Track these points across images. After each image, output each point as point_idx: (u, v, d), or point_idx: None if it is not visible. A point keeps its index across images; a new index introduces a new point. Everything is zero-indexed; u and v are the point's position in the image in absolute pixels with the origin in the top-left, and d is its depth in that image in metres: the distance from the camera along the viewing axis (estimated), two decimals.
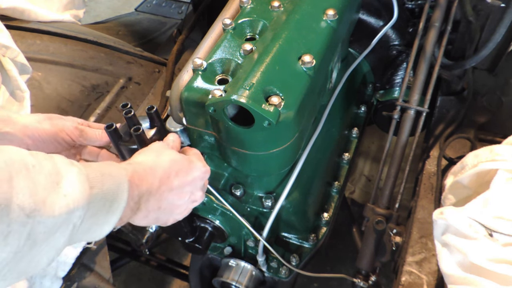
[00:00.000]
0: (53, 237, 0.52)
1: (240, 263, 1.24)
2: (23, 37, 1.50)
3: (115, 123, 0.82)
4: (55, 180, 0.53)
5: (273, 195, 1.10)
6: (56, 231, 0.52)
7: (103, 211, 0.60)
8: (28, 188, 0.49)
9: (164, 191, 0.72)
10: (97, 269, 1.23)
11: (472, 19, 1.19)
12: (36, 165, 0.51)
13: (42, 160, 0.53)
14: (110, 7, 3.53)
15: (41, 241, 0.51)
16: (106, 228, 0.62)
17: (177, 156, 0.75)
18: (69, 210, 0.53)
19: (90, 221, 0.58)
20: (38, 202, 0.50)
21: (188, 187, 0.76)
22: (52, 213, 0.51)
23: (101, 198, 0.59)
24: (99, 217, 0.59)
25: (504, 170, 0.88)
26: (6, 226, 0.46)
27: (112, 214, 0.61)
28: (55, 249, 0.54)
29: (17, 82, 1.25)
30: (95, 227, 0.60)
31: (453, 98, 1.41)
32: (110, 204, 0.60)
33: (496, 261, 0.80)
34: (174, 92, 0.95)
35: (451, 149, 1.32)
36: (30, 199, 0.49)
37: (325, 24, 1.02)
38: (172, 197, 0.73)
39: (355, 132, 1.48)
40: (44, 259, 0.53)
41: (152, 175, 0.70)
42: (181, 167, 0.74)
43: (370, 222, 1.11)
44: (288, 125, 0.89)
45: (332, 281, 1.91)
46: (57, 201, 0.52)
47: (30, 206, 0.49)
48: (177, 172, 0.73)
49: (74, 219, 0.54)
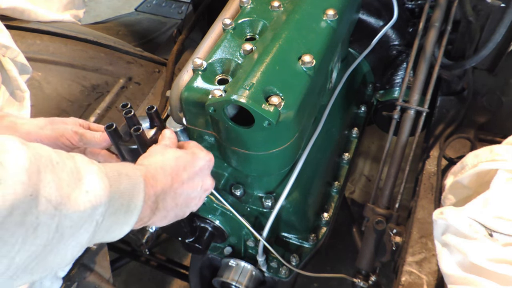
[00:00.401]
0: (78, 233, 0.54)
1: (240, 263, 1.24)
2: (23, 37, 1.50)
3: (115, 123, 0.82)
4: (77, 177, 0.54)
5: (273, 195, 1.10)
6: (81, 226, 0.54)
7: (122, 210, 0.61)
8: (54, 182, 0.51)
9: (178, 188, 0.74)
10: (97, 269, 1.23)
11: (472, 19, 1.19)
12: (60, 162, 0.53)
13: (64, 158, 0.55)
14: (110, 7, 3.53)
15: (68, 235, 0.53)
16: (125, 228, 0.64)
17: (179, 153, 0.77)
18: (92, 206, 0.55)
19: (111, 219, 0.60)
20: (63, 196, 0.51)
21: (197, 177, 0.78)
22: (78, 208, 0.53)
23: (119, 197, 0.60)
24: (118, 216, 0.61)
25: (504, 170, 0.88)
26: (35, 218, 0.48)
27: (130, 213, 0.63)
28: (80, 245, 0.56)
29: (17, 82, 1.25)
30: (115, 226, 0.62)
31: (453, 98, 1.41)
32: (128, 204, 0.62)
33: (496, 261, 0.80)
34: (174, 92, 0.95)
35: (451, 149, 1.32)
36: (56, 193, 0.50)
37: (325, 24, 1.02)
38: (186, 191, 0.76)
39: (355, 132, 1.48)
40: (68, 254, 0.55)
41: (163, 174, 0.72)
42: (187, 161, 0.77)
43: (370, 222, 1.11)
44: (288, 125, 0.89)
45: (332, 281, 1.91)
46: (80, 197, 0.53)
47: (56, 200, 0.50)
48: (184, 166, 0.76)
49: (97, 216, 0.56)
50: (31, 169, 0.48)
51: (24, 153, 0.48)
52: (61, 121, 0.89)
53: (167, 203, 0.73)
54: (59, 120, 0.89)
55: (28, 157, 0.48)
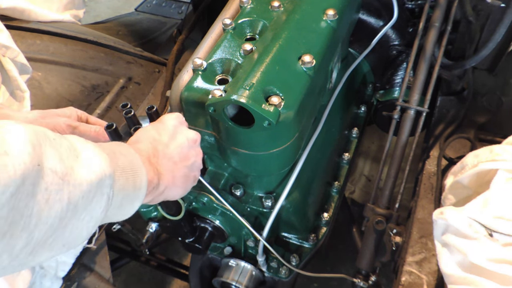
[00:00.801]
0: (90, 206, 0.54)
1: (240, 263, 1.24)
2: (23, 37, 1.50)
3: (115, 123, 0.82)
4: (74, 154, 0.55)
5: (273, 195, 1.10)
6: (92, 198, 0.54)
7: (129, 185, 0.62)
8: (55, 155, 0.51)
9: (164, 149, 0.74)
10: (97, 269, 1.23)
11: (472, 19, 1.19)
12: (56, 139, 0.54)
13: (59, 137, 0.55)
14: (110, 7, 3.53)
15: (81, 207, 0.53)
16: (136, 204, 0.65)
17: (147, 127, 0.79)
18: (98, 177, 0.55)
19: (121, 195, 0.60)
20: (67, 167, 0.52)
21: (177, 135, 0.78)
22: (84, 178, 0.53)
23: (122, 171, 0.61)
24: (128, 191, 0.62)
25: (504, 170, 0.88)
26: (44, 189, 0.48)
27: (139, 188, 0.64)
28: (94, 219, 0.56)
29: (17, 82, 1.25)
30: (126, 201, 0.62)
31: (453, 98, 1.41)
32: (133, 178, 0.63)
33: (496, 261, 0.80)
34: (174, 92, 0.95)
35: (451, 149, 1.32)
36: (60, 164, 0.51)
37: (325, 24, 1.02)
38: (175, 149, 0.76)
39: (355, 132, 1.48)
40: (84, 230, 0.55)
41: (142, 143, 0.72)
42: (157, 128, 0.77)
43: (370, 222, 1.11)
44: (288, 125, 0.89)
45: (332, 281, 1.91)
46: (83, 169, 0.54)
47: (62, 171, 0.51)
48: (157, 133, 0.76)
49: (106, 188, 0.57)
50: (33, 141, 0.49)
51: (23, 130, 0.49)
52: (54, 113, 0.88)
53: (165, 166, 0.73)
54: (52, 113, 0.88)
55: (28, 132, 0.49)
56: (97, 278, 1.22)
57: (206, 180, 1.09)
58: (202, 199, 1.08)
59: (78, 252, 1.18)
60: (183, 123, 0.82)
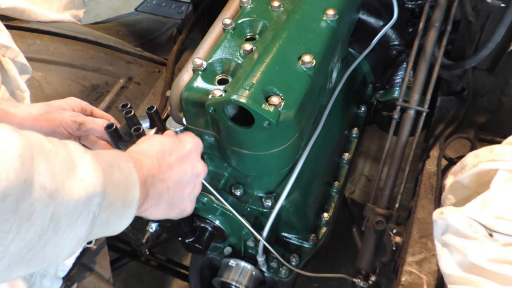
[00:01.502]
0: (75, 224, 0.53)
1: (240, 263, 1.24)
2: (23, 37, 1.50)
3: (115, 123, 0.82)
4: (70, 166, 0.53)
5: (273, 195, 1.10)
6: (78, 217, 0.53)
7: (119, 202, 0.60)
8: (47, 169, 0.49)
9: (166, 170, 0.72)
10: (97, 269, 1.23)
11: (472, 19, 1.19)
12: (52, 150, 0.52)
13: (57, 146, 0.53)
14: (110, 7, 3.53)
15: (64, 225, 0.51)
16: (124, 222, 0.62)
17: (166, 138, 0.76)
18: (87, 195, 0.53)
19: (108, 211, 0.58)
20: (58, 183, 0.50)
21: (186, 161, 0.76)
22: (72, 196, 0.51)
23: (113, 187, 0.59)
24: (116, 208, 0.60)
25: (504, 170, 0.88)
26: (29, 205, 0.47)
27: (129, 205, 0.62)
28: (77, 238, 0.54)
29: (17, 82, 1.25)
30: (113, 219, 0.60)
31: (453, 98, 1.41)
32: (124, 195, 0.61)
33: (496, 261, 0.80)
34: (174, 92, 0.94)
35: (451, 149, 1.32)
36: (51, 180, 0.49)
37: (325, 24, 1.02)
38: (175, 175, 0.73)
39: (355, 132, 1.48)
40: (66, 248, 0.54)
41: (148, 157, 0.70)
42: (172, 145, 0.75)
43: (370, 222, 1.11)
44: (288, 125, 0.89)
45: (332, 281, 1.91)
46: (74, 185, 0.52)
47: (51, 187, 0.49)
48: (170, 150, 0.74)
49: (93, 207, 0.55)
50: (24, 155, 0.47)
51: (16, 140, 0.47)
52: (59, 106, 0.85)
53: (156, 188, 0.70)
54: (57, 106, 0.85)
55: (20, 144, 0.47)
56: (97, 278, 1.22)
57: (206, 180, 1.09)
58: (202, 199, 1.08)
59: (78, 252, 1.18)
60: (198, 151, 0.80)
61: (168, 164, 0.72)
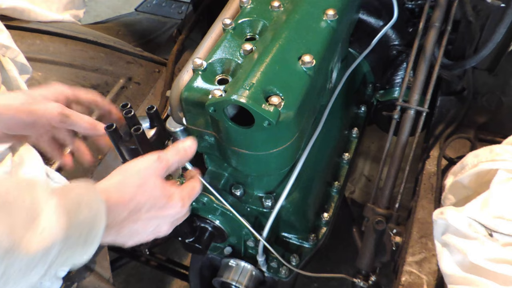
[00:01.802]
0: (28, 276, 0.51)
1: (240, 263, 1.24)
2: (23, 37, 1.50)
3: (115, 123, 0.82)
4: (32, 216, 0.51)
5: (273, 195, 1.10)
6: (32, 270, 0.51)
7: (80, 242, 0.58)
8: (6, 225, 0.48)
9: (129, 223, 0.69)
10: (97, 269, 1.23)
11: (472, 19, 1.19)
12: (17, 199, 0.50)
13: (23, 193, 0.52)
14: (110, 7, 3.53)
15: (15, 279, 0.50)
16: (84, 257, 0.61)
17: (156, 192, 0.72)
18: (46, 247, 0.52)
19: (67, 254, 0.57)
20: (15, 240, 0.49)
21: (155, 220, 0.73)
22: (29, 251, 0.50)
23: (77, 228, 0.57)
24: (76, 249, 0.58)
25: (504, 170, 0.88)
26: None
27: (90, 244, 0.60)
28: (29, 284, 0.53)
29: (17, 82, 1.25)
30: (71, 259, 0.59)
31: (453, 98, 1.41)
32: (87, 234, 0.59)
33: (496, 261, 0.80)
34: (174, 92, 0.94)
35: (451, 149, 1.32)
36: (8, 237, 0.48)
37: (325, 24, 1.02)
38: (135, 227, 0.70)
39: (355, 132, 1.48)
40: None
41: (123, 206, 0.67)
42: (156, 203, 0.71)
43: (370, 222, 1.11)
44: (288, 125, 0.89)
45: (332, 281, 1.91)
46: (33, 238, 0.50)
47: (7, 244, 0.48)
48: (150, 207, 0.71)
49: (51, 257, 0.53)
50: None
51: None
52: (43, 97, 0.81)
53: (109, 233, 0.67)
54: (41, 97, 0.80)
55: None
56: (97, 278, 1.22)
57: (206, 180, 1.09)
58: (202, 199, 1.08)
59: None
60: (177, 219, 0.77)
61: (135, 219, 0.69)
